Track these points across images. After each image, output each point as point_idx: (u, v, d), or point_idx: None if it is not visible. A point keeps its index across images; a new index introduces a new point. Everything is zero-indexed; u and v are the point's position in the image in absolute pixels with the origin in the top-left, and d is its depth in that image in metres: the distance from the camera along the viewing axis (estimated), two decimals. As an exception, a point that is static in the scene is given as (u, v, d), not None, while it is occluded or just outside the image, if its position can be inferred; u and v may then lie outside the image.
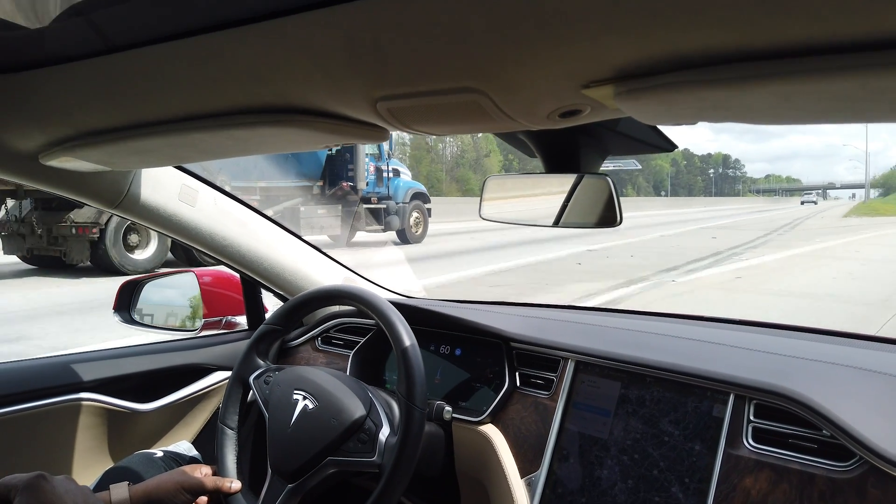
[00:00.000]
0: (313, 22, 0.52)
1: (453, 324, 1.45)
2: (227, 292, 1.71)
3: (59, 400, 1.36)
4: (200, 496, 1.13)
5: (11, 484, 0.77)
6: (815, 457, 0.95)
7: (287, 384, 1.20)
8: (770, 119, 0.56)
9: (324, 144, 0.82)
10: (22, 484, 0.76)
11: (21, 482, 0.76)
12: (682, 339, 1.25)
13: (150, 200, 1.28)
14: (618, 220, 0.96)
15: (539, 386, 1.28)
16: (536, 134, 0.95)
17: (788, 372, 1.05)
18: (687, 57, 0.47)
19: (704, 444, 1.04)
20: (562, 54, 0.49)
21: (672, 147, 0.97)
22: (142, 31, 0.60)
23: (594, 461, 1.14)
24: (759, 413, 1.02)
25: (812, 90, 0.46)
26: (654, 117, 0.60)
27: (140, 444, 1.47)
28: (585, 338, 1.29)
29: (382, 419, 1.15)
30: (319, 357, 1.61)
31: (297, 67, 0.60)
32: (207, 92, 0.70)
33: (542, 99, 0.60)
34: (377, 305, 1.19)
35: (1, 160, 1.03)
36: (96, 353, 1.48)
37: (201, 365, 1.61)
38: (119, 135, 0.84)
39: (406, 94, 0.61)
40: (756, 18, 0.40)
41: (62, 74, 0.72)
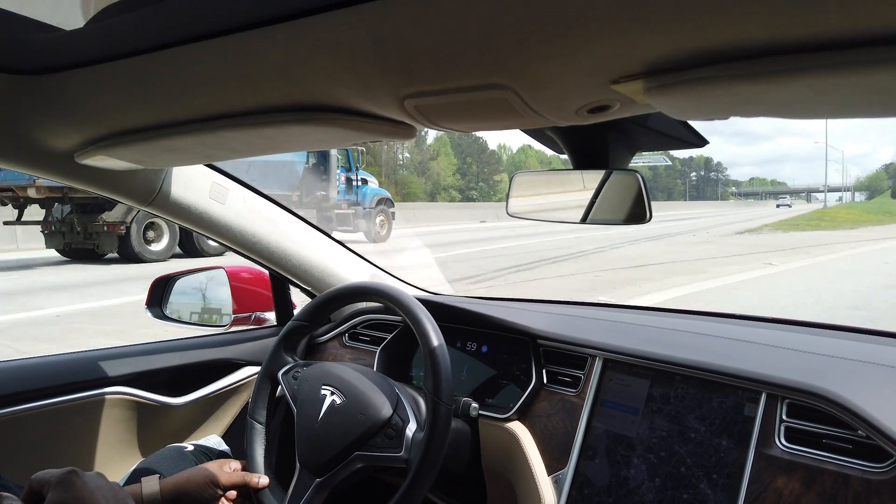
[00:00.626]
0: (341, 20, 0.52)
1: (480, 321, 1.45)
2: (256, 288, 1.73)
3: (93, 393, 1.39)
4: (229, 491, 1.14)
5: (44, 479, 0.78)
6: (850, 457, 0.93)
7: (315, 379, 1.22)
8: (805, 113, 0.55)
9: (352, 142, 0.83)
10: (55, 479, 0.77)
11: (54, 477, 0.78)
12: (712, 337, 1.23)
13: (181, 198, 1.30)
14: (647, 217, 0.95)
15: (566, 383, 1.28)
16: (564, 130, 0.95)
17: (822, 371, 1.03)
18: (719, 51, 0.46)
19: (735, 444, 1.03)
20: (591, 49, 0.49)
21: (703, 143, 0.96)
22: (174, 32, 0.61)
23: (622, 459, 1.14)
24: (791, 412, 1.01)
25: (850, 83, 0.45)
26: (684, 112, 0.60)
27: (171, 438, 1.49)
28: (613, 335, 1.27)
29: (409, 415, 1.15)
30: (346, 353, 1.63)
31: (326, 66, 0.61)
32: (237, 91, 0.71)
33: (570, 94, 0.59)
34: (404, 302, 1.19)
35: (38, 159, 1.05)
36: (128, 347, 1.51)
37: (231, 360, 1.63)
38: (152, 134, 0.86)
39: (433, 92, 0.61)
40: (790, 10, 0.39)
41: (97, 75, 0.73)
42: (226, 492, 1.14)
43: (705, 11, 0.41)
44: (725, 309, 3.62)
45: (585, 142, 0.95)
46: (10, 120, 0.92)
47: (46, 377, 1.34)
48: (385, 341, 1.53)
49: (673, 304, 9.01)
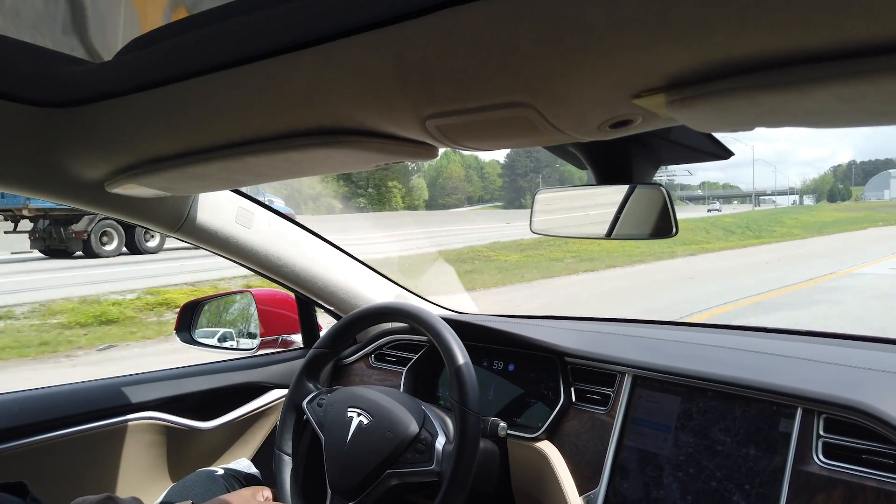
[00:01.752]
0: (363, 44, 0.53)
1: (506, 339, 1.44)
2: (282, 311, 1.74)
3: (123, 419, 1.40)
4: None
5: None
6: (893, 473, 0.90)
7: (340, 403, 1.22)
8: (831, 122, 0.54)
9: (374, 164, 0.83)
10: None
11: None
12: (743, 352, 1.21)
13: (208, 223, 1.32)
14: (673, 231, 0.94)
15: (595, 401, 1.26)
16: (587, 145, 0.94)
17: (859, 384, 1.01)
18: (742, 61, 0.45)
19: (771, 461, 1.00)
20: (611, 64, 0.49)
21: (728, 154, 0.95)
22: (200, 62, 0.62)
23: (654, 478, 1.11)
24: (828, 427, 0.98)
25: (876, 91, 0.44)
26: (708, 125, 0.59)
27: (200, 462, 1.50)
28: (642, 351, 1.26)
29: (438, 429, 1.15)
30: (373, 374, 1.62)
31: (348, 89, 0.62)
32: (262, 117, 0.72)
33: (591, 110, 0.59)
34: (428, 321, 1.19)
35: (69, 189, 1.08)
36: (158, 372, 1.53)
37: (259, 383, 1.64)
38: (179, 161, 0.87)
39: (455, 111, 0.62)
40: (813, 18, 0.39)
41: (125, 106, 0.75)
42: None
43: (727, 22, 0.41)
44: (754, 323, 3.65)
45: (608, 157, 0.95)
46: (41, 152, 0.95)
47: (78, 404, 1.36)
48: (411, 361, 1.53)
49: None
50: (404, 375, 1.50)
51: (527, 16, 0.44)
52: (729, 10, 0.39)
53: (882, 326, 6.97)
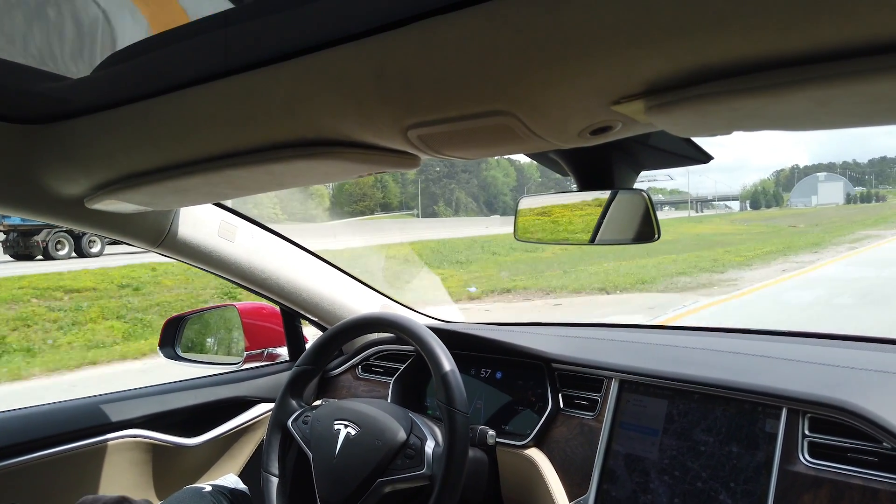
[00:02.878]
0: (343, 56, 0.53)
1: (493, 347, 1.44)
2: (267, 324, 1.73)
3: (108, 437, 1.38)
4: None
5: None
6: (878, 471, 0.91)
7: (326, 417, 1.21)
8: (806, 125, 0.55)
9: (357, 175, 0.83)
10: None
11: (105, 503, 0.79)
12: (729, 354, 1.22)
13: (190, 238, 1.31)
14: (656, 235, 0.95)
15: (583, 407, 1.26)
16: (568, 152, 0.95)
17: (843, 383, 1.02)
18: (718, 67, 0.46)
19: (758, 461, 1.01)
20: (590, 72, 0.49)
21: (707, 158, 0.96)
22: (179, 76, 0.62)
23: (643, 481, 1.12)
24: (814, 427, 0.99)
25: (849, 93, 0.45)
26: (686, 130, 0.60)
27: (187, 479, 1.48)
28: (628, 356, 1.26)
29: (426, 434, 1.14)
30: (360, 385, 1.62)
31: (329, 101, 0.61)
32: (243, 129, 0.72)
33: (572, 117, 0.60)
34: (414, 330, 1.19)
35: (48, 206, 1.06)
36: (142, 389, 1.51)
37: (245, 398, 1.62)
38: (160, 176, 0.87)
39: (436, 121, 0.62)
40: (787, 24, 0.39)
41: (104, 121, 0.74)
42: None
43: (703, 29, 0.41)
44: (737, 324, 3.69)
45: (589, 163, 0.96)
46: (20, 169, 0.94)
47: (61, 423, 1.34)
48: (398, 372, 1.52)
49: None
50: (392, 386, 1.50)
51: (505, 26, 0.44)
52: (704, 17, 0.40)
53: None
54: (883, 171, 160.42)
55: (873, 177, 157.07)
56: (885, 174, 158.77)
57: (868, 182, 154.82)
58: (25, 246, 15.16)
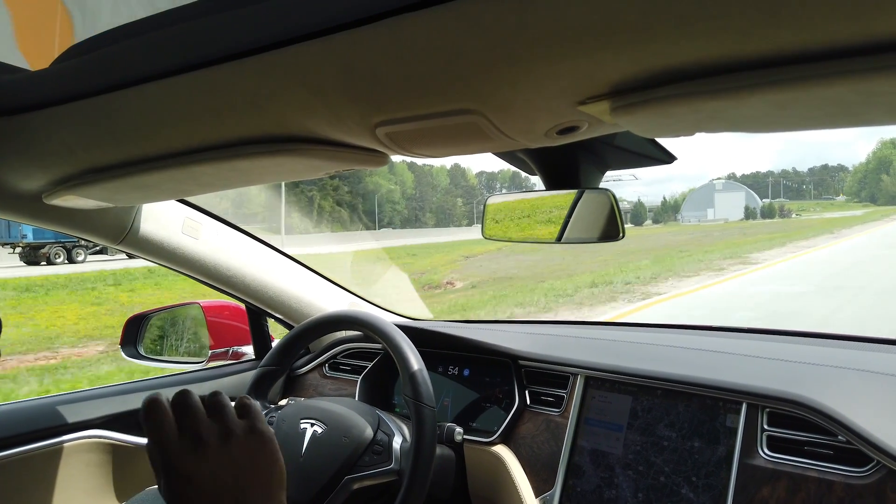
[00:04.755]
0: (310, 52, 0.52)
1: (460, 344, 1.45)
2: (232, 322, 1.71)
3: (65, 439, 1.35)
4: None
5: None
6: (833, 463, 0.94)
7: (292, 416, 1.20)
8: (767, 127, 0.56)
9: (324, 172, 0.83)
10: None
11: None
12: (691, 350, 1.24)
13: (153, 235, 1.29)
14: (620, 234, 0.96)
15: (549, 403, 1.28)
16: (535, 151, 0.96)
17: (800, 378, 1.05)
18: (681, 69, 0.47)
19: (719, 455, 1.03)
20: (556, 72, 0.50)
21: (671, 159, 0.98)
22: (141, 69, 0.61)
23: (608, 476, 1.13)
24: (772, 421, 1.02)
25: (807, 97, 0.46)
26: (651, 130, 0.61)
27: (149, 481, 1.45)
28: (593, 352, 1.28)
29: (394, 430, 1.14)
30: (327, 384, 1.61)
31: (296, 97, 0.61)
32: (207, 125, 0.71)
33: (539, 117, 0.60)
34: (381, 328, 1.18)
35: (4, 202, 1.03)
36: (102, 389, 1.48)
37: None
38: (121, 171, 0.85)
39: (404, 119, 0.62)
40: (747, 29, 0.40)
41: (63, 114, 0.72)
42: None
43: (666, 32, 0.42)
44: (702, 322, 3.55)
45: (556, 163, 0.97)
46: None
47: (14, 425, 1.30)
48: (366, 369, 1.52)
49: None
50: (359, 384, 1.49)
51: (473, 25, 0.45)
52: (668, 20, 0.41)
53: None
54: (823, 180, 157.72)
55: (812, 186, 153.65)
56: (825, 184, 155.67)
57: (807, 192, 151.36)
58: (35, 256, 20.21)
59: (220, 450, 0.66)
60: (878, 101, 0.46)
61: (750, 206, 79.41)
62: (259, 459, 0.68)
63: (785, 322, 8.50)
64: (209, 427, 0.68)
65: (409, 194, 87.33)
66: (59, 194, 0.95)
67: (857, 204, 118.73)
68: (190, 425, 0.67)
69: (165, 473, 0.65)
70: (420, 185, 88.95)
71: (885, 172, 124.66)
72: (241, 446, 0.67)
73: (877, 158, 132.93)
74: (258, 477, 0.67)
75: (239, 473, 0.66)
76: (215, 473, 0.65)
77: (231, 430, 0.68)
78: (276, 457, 0.69)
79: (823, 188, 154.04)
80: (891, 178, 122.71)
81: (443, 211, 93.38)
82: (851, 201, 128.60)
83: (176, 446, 0.66)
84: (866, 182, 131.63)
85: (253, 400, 0.72)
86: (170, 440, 0.66)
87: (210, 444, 0.66)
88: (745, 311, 9.55)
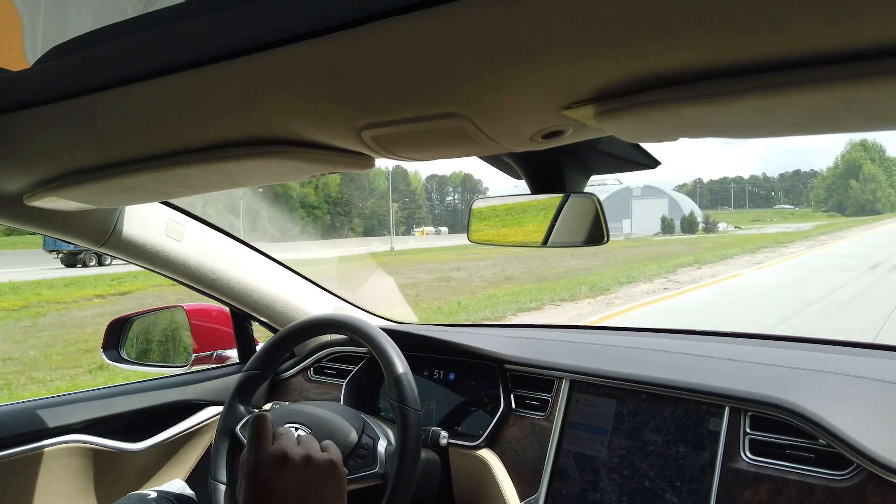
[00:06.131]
0: (296, 55, 0.52)
1: (446, 348, 1.45)
2: (216, 326, 1.69)
3: (45, 444, 1.33)
4: None
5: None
6: (814, 466, 0.95)
7: (277, 421, 1.19)
8: (749, 133, 0.57)
9: (310, 174, 0.82)
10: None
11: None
12: (676, 354, 1.25)
13: (136, 237, 1.27)
14: (605, 238, 0.97)
15: (534, 407, 1.28)
16: (521, 156, 0.96)
17: (781, 382, 1.06)
18: (664, 75, 0.47)
19: (704, 461, 1.04)
20: (541, 77, 0.50)
21: (655, 164, 0.98)
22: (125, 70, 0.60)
23: (593, 480, 1.14)
24: (755, 425, 1.02)
25: (788, 103, 0.46)
26: (635, 135, 0.61)
27: (131, 486, 1.44)
28: (579, 357, 1.28)
29: (378, 433, 1.14)
30: (312, 388, 1.60)
31: (281, 99, 0.61)
32: (192, 127, 0.70)
33: (524, 121, 0.60)
34: (367, 332, 1.18)
35: None
36: (83, 393, 1.46)
37: (193, 401, 1.59)
38: (104, 173, 0.84)
39: (390, 122, 0.62)
40: (729, 36, 0.41)
41: (46, 115, 0.72)
42: None
43: (649, 38, 0.42)
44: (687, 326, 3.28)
45: (542, 167, 0.97)
46: None
47: None
48: (351, 373, 1.51)
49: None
50: (344, 388, 1.48)
51: (459, 29, 0.45)
52: (652, 27, 0.41)
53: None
54: (794, 186, 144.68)
55: (782, 193, 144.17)
56: (797, 190, 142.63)
57: (776, 199, 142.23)
58: (73, 260, 23.55)
59: (300, 469, 0.77)
60: (858, 107, 0.46)
61: (668, 218, 63.10)
62: (328, 487, 0.79)
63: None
64: (296, 448, 0.79)
65: (333, 198, 74.93)
66: (41, 195, 0.94)
67: (822, 214, 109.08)
68: (280, 444, 0.79)
69: (248, 478, 0.76)
70: (348, 188, 74.81)
71: (855, 178, 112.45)
72: (317, 472, 0.78)
73: (846, 162, 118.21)
74: (324, 502, 0.78)
75: (308, 493, 0.77)
76: (290, 486, 0.76)
77: (312, 458, 0.79)
78: (342, 490, 0.80)
79: (795, 195, 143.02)
80: (860, 185, 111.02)
81: (376, 216, 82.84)
82: (818, 210, 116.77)
83: (264, 457, 0.77)
84: (834, 189, 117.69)
85: (335, 445, 0.84)
86: (263, 451, 0.78)
87: (293, 462, 0.77)
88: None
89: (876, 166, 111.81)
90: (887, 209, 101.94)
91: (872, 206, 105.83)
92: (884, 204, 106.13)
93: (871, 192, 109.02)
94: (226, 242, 1.48)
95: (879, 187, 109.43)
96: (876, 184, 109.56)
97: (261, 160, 0.74)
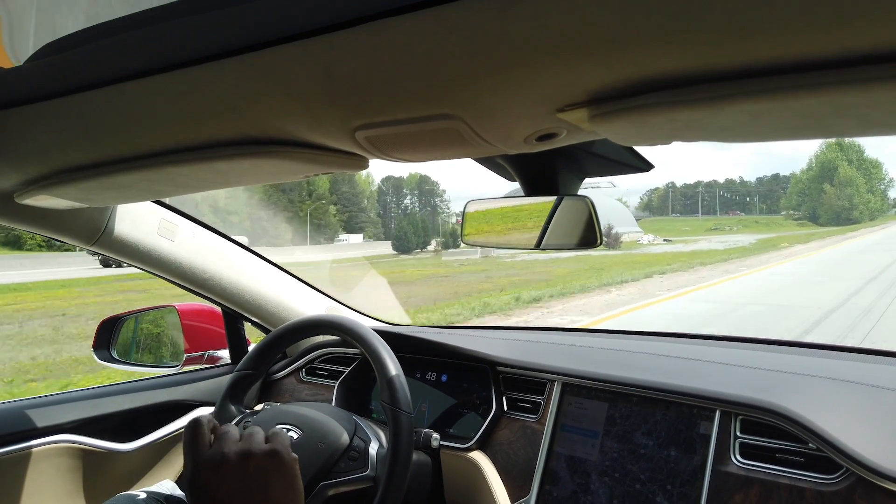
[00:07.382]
0: (290, 54, 0.52)
1: (439, 350, 1.45)
2: (208, 326, 1.69)
3: (34, 443, 1.32)
4: None
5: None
6: (803, 470, 0.95)
7: (268, 422, 1.18)
8: (742, 137, 0.57)
9: (303, 175, 0.82)
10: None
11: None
12: (667, 357, 1.25)
13: (128, 236, 1.27)
14: (598, 241, 0.97)
15: (526, 409, 1.28)
16: (515, 158, 0.96)
17: (772, 386, 1.06)
18: (657, 79, 0.48)
19: (691, 461, 1.04)
20: (536, 80, 0.50)
21: (649, 167, 0.99)
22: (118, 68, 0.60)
23: (584, 483, 1.14)
24: (745, 428, 1.03)
25: (781, 108, 0.47)
26: (628, 138, 0.61)
27: (121, 486, 1.43)
28: (571, 359, 1.29)
29: (370, 436, 1.14)
30: (304, 389, 1.59)
31: (275, 99, 0.61)
32: (185, 126, 0.70)
33: (518, 123, 0.60)
34: (359, 333, 1.18)
35: None
36: (73, 393, 1.45)
37: (184, 401, 1.58)
38: (96, 171, 0.83)
39: (384, 123, 0.62)
40: (722, 41, 0.41)
41: (37, 113, 0.71)
42: None
43: (643, 42, 0.42)
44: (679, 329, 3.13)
45: (535, 169, 0.97)
46: None
47: None
48: (343, 375, 1.51)
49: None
50: (336, 389, 1.48)
51: (453, 31, 0.45)
52: (645, 32, 0.41)
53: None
54: (772, 191, 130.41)
55: (758, 198, 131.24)
56: (774, 195, 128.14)
57: (752, 205, 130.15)
58: (109, 260, 24.63)
59: (238, 468, 0.74)
60: (849, 113, 0.47)
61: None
62: (274, 480, 0.75)
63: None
64: (233, 447, 0.76)
65: (256, 201, 64.45)
66: (32, 194, 0.94)
67: (792, 223, 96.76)
68: (218, 445, 0.76)
69: (188, 486, 0.73)
70: (275, 192, 64.89)
71: (829, 182, 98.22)
72: (258, 467, 0.75)
73: (820, 164, 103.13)
74: (272, 496, 0.74)
75: (252, 490, 0.73)
76: (230, 487, 0.73)
77: (252, 452, 0.75)
78: (291, 479, 0.77)
79: (773, 200, 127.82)
80: (835, 190, 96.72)
81: (318, 220, 72.88)
82: (790, 218, 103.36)
83: (201, 461, 0.74)
84: (807, 194, 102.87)
85: (283, 430, 0.80)
86: (199, 456, 0.75)
87: (230, 462, 0.74)
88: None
89: (853, 168, 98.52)
90: (865, 217, 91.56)
91: (849, 213, 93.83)
92: (861, 211, 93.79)
93: (847, 197, 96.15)
94: (218, 242, 1.47)
95: (857, 192, 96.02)
96: (853, 188, 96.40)
97: (254, 160, 0.73)
